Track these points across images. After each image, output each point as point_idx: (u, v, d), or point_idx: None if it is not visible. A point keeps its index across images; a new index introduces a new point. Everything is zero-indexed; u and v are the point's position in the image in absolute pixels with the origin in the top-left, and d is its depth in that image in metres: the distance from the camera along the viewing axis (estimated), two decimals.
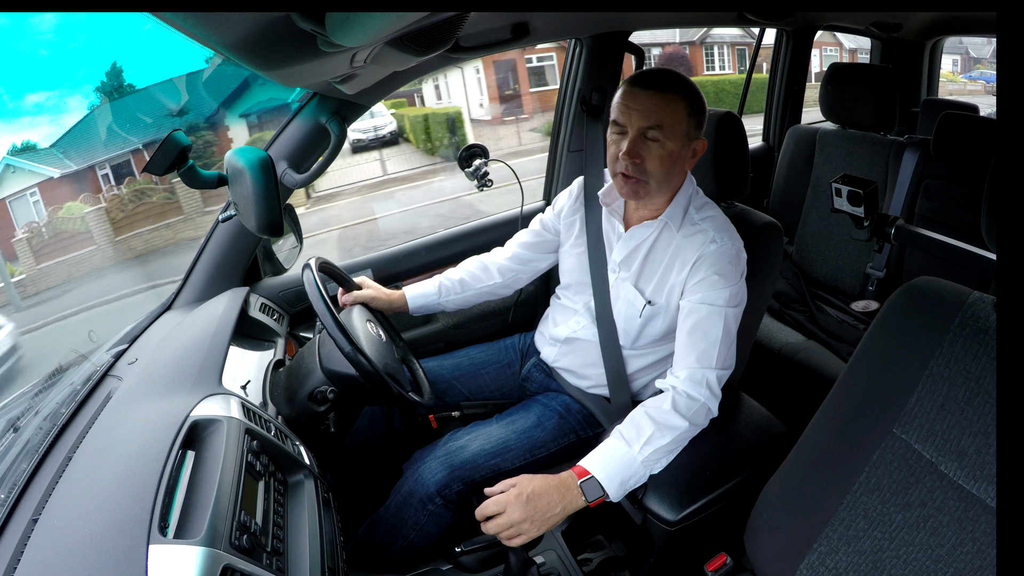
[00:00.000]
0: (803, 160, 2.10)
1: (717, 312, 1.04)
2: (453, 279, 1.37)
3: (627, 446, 0.98)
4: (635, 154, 1.03)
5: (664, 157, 1.04)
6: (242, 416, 0.84)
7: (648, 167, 1.04)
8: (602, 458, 0.97)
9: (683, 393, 1.02)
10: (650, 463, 0.99)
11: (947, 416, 0.71)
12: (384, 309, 1.32)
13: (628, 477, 0.97)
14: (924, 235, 1.27)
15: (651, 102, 1.02)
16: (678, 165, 1.07)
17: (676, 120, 1.03)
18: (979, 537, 0.66)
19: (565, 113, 1.78)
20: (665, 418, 0.99)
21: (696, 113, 1.05)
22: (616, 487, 0.96)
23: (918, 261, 1.79)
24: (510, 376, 1.40)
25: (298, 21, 0.58)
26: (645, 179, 1.06)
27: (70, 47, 4.77)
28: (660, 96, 1.02)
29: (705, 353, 1.03)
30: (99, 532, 0.61)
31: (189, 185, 1.03)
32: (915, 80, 2.64)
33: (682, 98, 1.03)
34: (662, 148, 1.03)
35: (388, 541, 1.15)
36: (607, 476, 0.95)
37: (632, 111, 1.03)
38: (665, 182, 1.07)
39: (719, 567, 0.93)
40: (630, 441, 0.98)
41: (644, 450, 0.97)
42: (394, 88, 1.37)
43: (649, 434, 0.98)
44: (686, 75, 1.09)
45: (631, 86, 1.05)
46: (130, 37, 4.69)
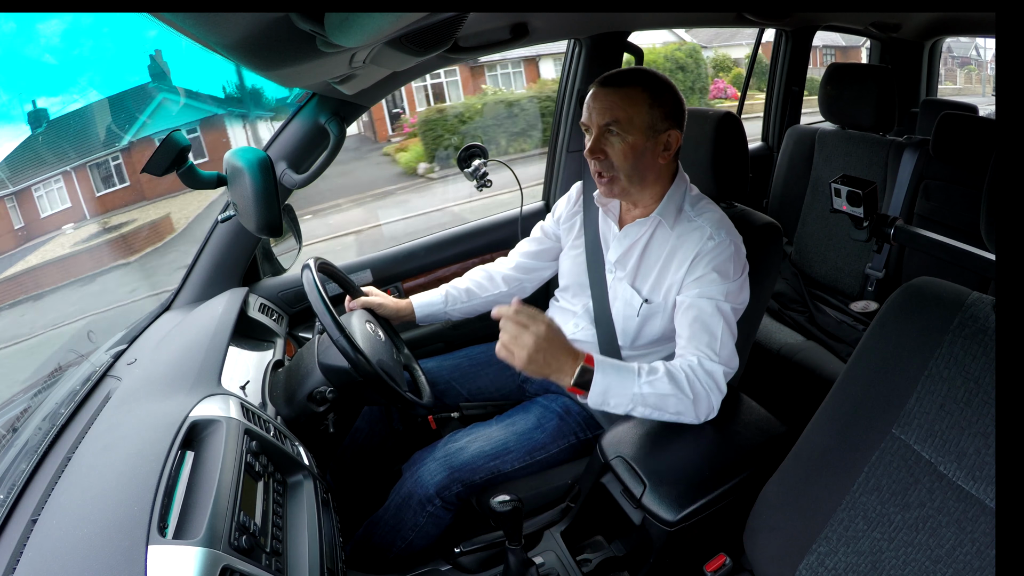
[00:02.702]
0: (802, 160, 2.10)
1: (717, 307, 1.04)
2: (459, 288, 1.37)
3: (636, 374, 0.97)
4: (597, 150, 1.06)
5: (626, 150, 1.05)
6: (241, 416, 0.84)
7: (614, 162, 1.06)
8: (611, 364, 0.97)
9: (695, 370, 1.00)
10: (638, 399, 0.97)
11: (946, 417, 0.71)
12: (391, 317, 1.32)
13: (615, 393, 0.96)
14: (923, 235, 1.27)
15: (608, 99, 1.05)
16: (646, 158, 1.07)
17: (635, 113, 1.04)
18: (978, 538, 0.66)
19: (564, 113, 1.78)
20: (679, 377, 0.99)
21: (660, 104, 1.05)
22: (598, 392, 0.96)
23: (917, 261, 1.79)
24: (509, 377, 1.40)
25: (297, 21, 0.58)
26: (614, 173, 1.07)
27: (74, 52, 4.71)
28: (617, 91, 1.04)
29: (709, 346, 1.02)
30: (98, 532, 0.61)
31: (188, 185, 1.03)
32: (914, 80, 2.64)
33: (641, 90, 1.04)
34: (623, 141, 1.05)
35: (387, 542, 1.15)
36: (602, 377, 0.95)
37: (592, 110, 1.06)
38: (635, 175, 1.08)
39: (718, 567, 0.93)
40: (640, 372, 0.98)
41: (645, 387, 0.97)
42: (393, 88, 1.38)
43: (658, 376, 0.98)
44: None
45: (595, 87, 1.08)
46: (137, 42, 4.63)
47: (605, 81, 1.07)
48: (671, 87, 1.07)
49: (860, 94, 1.88)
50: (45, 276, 4.41)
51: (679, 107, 1.08)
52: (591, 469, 1.09)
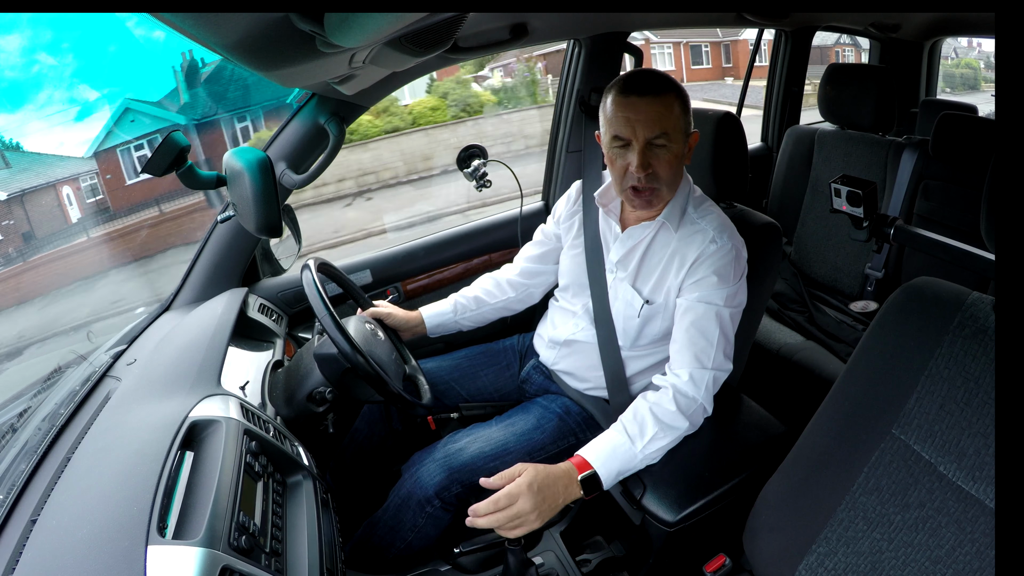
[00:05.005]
0: (802, 160, 2.10)
1: (715, 311, 1.04)
2: (468, 297, 1.38)
3: (630, 442, 0.99)
4: (647, 165, 1.02)
5: (671, 160, 1.03)
6: (241, 417, 0.84)
7: (659, 174, 1.04)
8: (604, 451, 0.98)
9: (684, 393, 1.02)
10: (648, 460, 1.00)
11: (946, 417, 0.71)
12: (399, 327, 1.32)
13: (625, 471, 0.99)
14: (923, 235, 1.27)
15: (652, 109, 1.00)
16: (680, 165, 1.07)
17: (676, 122, 1.02)
18: (978, 538, 0.66)
19: (564, 114, 1.78)
20: (670, 419, 1.00)
21: (688, 109, 1.05)
22: (612, 479, 0.98)
23: (917, 261, 1.79)
24: (509, 378, 1.40)
25: (297, 22, 0.58)
26: (657, 186, 1.05)
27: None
28: (658, 101, 1.00)
29: (704, 352, 1.03)
30: (98, 533, 0.61)
31: (188, 186, 1.03)
32: (914, 80, 2.64)
33: (675, 96, 1.02)
34: (669, 152, 1.02)
35: (386, 542, 1.15)
36: (607, 471, 0.97)
37: (635, 123, 1.00)
38: (673, 184, 1.08)
39: (718, 568, 0.93)
40: (633, 437, 0.99)
41: (646, 449, 0.99)
42: (393, 88, 1.37)
43: (652, 433, 0.99)
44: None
45: (626, 95, 1.01)
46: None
47: (639, 89, 1.00)
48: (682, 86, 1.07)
49: (859, 94, 1.88)
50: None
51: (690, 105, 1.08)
52: None
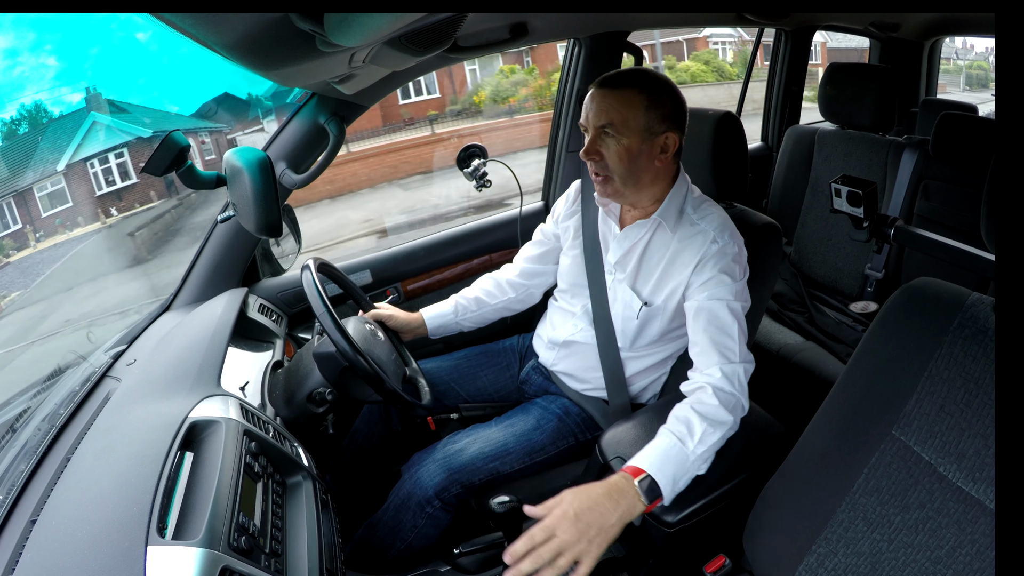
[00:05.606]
0: (802, 160, 2.10)
1: (728, 307, 1.03)
2: (468, 298, 1.38)
3: (680, 443, 0.91)
4: (592, 151, 1.06)
5: (621, 152, 1.05)
6: (240, 417, 0.84)
7: (609, 163, 1.06)
8: (655, 456, 0.91)
9: (722, 388, 0.98)
10: (700, 462, 0.93)
11: (946, 418, 0.71)
12: (400, 329, 1.32)
13: (680, 476, 0.91)
14: (923, 236, 1.27)
15: (605, 101, 1.04)
16: (642, 161, 1.06)
17: (630, 115, 1.03)
18: (978, 539, 0.66)
19: (564, 113, 1.78)
20: (715, 413, 0.95)
21: (657, 106, 1.04)
22: (670, 487, 0.89)
23: (917, 262, 1.79)
24: (508, 379, 1.40)
25: (297, 21, 0.58)
26: (609, 175, 1.07)
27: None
28: (614, 93, 1.04)
29: (727, 348, 1.01)
30: (98, 533, 0.61)
31: (188, 185, 1.03)
32: (914, 80, 2.64)
33: (637, 92, 1.03)
34: (618, 143, 1.04)
35: (386, 543, 1.15)
36: (663, 475, 0.88)
37: (589, 112, 1.06)
38: (629, 177, 1.07)
39: (718, 568, 0.93)
40: (682, 438, 0.92)
41: (698, 448, 0.92)
42: (393, 88, 1.37)
43: (702, 430, 0.93)
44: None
45: (594, 88, 1.07)
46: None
47: (603, 82, 1.07)
48: (671, 89, 1.06)
49: (860, 94, 1.88)
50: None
51: (679, 109, 1.07)
52: (590, 470, 1.09)
